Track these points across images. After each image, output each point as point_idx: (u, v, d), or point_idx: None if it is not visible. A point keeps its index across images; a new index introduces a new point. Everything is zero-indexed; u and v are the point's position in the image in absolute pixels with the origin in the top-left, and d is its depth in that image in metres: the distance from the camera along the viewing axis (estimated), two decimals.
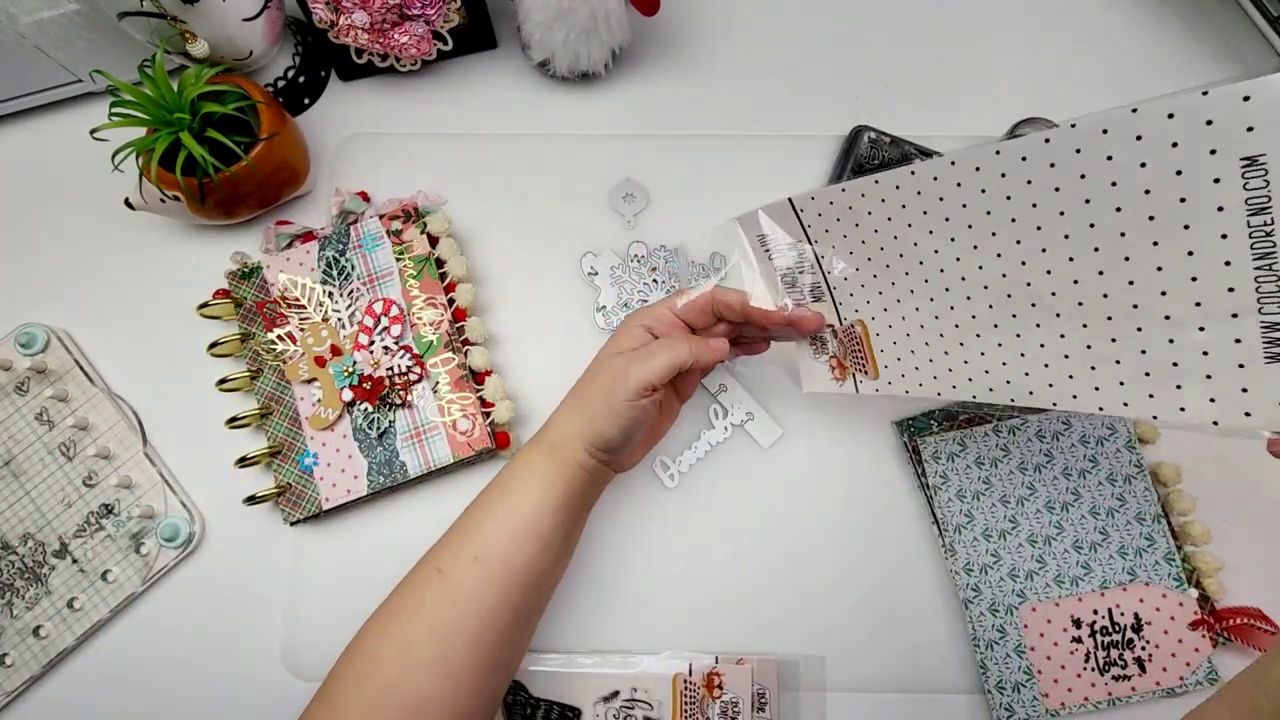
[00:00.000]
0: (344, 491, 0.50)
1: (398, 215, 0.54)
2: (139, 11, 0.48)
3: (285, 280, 0.53)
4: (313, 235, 0.54)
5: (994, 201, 0.36)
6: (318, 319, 0.52)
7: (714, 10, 0.62)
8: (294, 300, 0.53)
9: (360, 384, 0.51)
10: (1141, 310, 0.33)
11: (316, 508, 0.50)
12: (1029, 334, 0.37)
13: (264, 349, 0.52)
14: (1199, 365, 0.32)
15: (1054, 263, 0.35)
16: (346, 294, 0.53)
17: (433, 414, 0.51)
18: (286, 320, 0.52)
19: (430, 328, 0.52)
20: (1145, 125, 0.30)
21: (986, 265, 0.37)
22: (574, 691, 0.48)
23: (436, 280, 0.53)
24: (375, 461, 0.50)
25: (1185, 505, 0.49)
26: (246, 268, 0.54)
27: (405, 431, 0.50)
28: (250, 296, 0.53)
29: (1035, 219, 0.35)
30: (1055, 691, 0.47)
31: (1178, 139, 0.30)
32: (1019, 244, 0.36)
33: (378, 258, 0.53)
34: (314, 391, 0.51)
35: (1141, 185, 0.31)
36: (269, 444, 0.51)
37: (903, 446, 0.52)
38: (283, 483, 0.50)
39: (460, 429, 0.50)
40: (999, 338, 0.38)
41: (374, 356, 0.51)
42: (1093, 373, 0.35)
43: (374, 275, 0.53)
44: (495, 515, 0.42)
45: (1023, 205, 0.35)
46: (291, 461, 0.51)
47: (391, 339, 0.51)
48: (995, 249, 0.37)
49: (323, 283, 0.53)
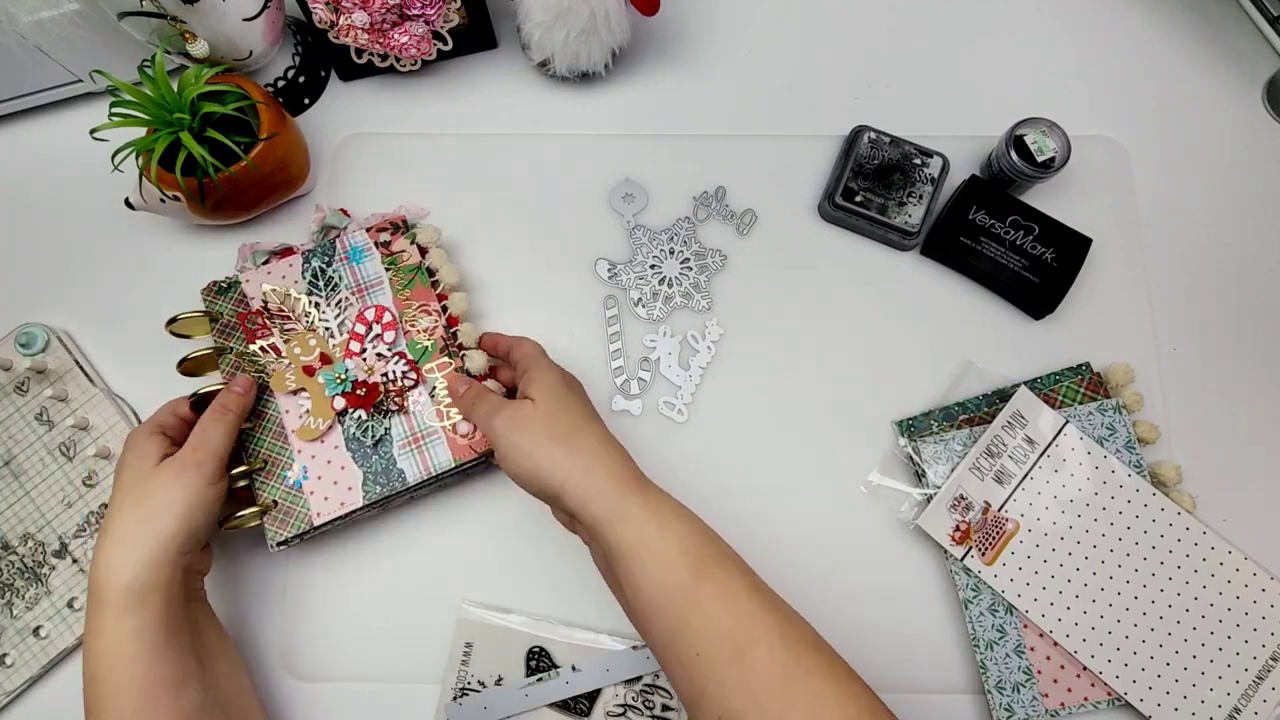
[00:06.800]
0: (337, 505, 0.47)
1: (385, 228, 0.53)
2: (139, 11, 0.48)
3: (269, 291, 0.51)
4: (292, 250, 0.54)
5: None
6: (303, 329, 0.51)
7: (714, 10, 0.63)
8: (278, 311, 0.51)
9: (354, 390, 0.49)
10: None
11: (307, 524, 0.47)
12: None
13: (246, 362, 0.50)
14: None
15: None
16: (335, 304, 0.51)
17: (430, 419, 0.49)
18: (270, 332, 0.51)
19: (424, 334, 0.51)
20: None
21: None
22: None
23: (429, 288, 0.52)
24: (371, 471, 0.48)
25: (1185, 505, 0.49)
26: (225, 283, 0.52)
27: (402, 438, 0.49)
28: (228, 311, 0.51)
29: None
30: (1055, 691, 0.47)
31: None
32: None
33: (366, 269, 0.52)
34: (301, 402, 0.49)
35: None
36: (250, 461, 0.48)
37: (902, 446, 0.52)
38: (267, 501, 0.47)
39: (461, 431, 0.49)
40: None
41: (367, 363, 0.50)
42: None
43: (363, 285, 0.52)
44: (104, 703, 0.38)
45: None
46: (276, 478, 0.48)
47: (385, 345, 0.50)
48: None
49: (309, 293, 0.52)
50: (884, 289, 0.56)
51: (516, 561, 0.51)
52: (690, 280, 0.56)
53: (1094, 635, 0.47)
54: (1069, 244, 0.53)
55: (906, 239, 0.55)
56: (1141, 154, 0.58)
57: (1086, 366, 0.53)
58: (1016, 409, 0.50)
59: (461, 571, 0.51)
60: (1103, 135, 0.58)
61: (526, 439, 0.41)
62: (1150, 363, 0.54)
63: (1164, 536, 0.48)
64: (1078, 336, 0.54)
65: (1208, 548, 0.48)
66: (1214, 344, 0.55)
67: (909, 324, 0.55)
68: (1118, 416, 0.50)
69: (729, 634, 0.36)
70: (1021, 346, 0.54)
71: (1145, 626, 0.47)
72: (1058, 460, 0.49)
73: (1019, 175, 0.53)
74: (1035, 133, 0.53)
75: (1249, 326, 0.55)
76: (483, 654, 0.49)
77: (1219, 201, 0.57)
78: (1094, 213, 0.56)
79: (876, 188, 0.55)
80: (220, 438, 0.44)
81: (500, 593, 0.50)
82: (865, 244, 0.57)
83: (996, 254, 0.53)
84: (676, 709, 0.47)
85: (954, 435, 0.51)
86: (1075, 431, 0.50)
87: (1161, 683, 0.46)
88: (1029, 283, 0.53)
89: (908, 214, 0.54)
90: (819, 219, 0.57)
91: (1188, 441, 0.52)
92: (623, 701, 0.48)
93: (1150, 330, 0.55)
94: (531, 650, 0.49)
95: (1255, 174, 0.58)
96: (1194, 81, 0.60)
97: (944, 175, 0.55)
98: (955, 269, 0.56)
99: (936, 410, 0.52)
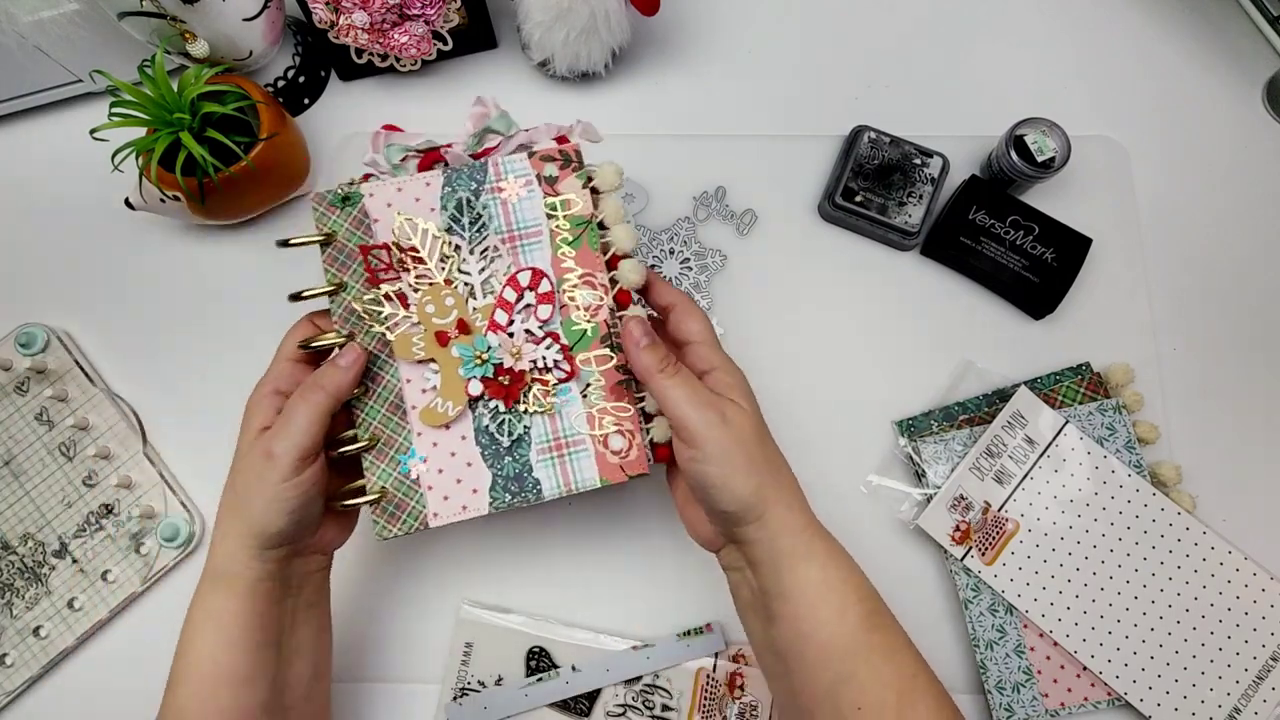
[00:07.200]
0: (458, 508, 0.39)
1: (554, 157, 0.41)
2: (139, 11, 0.48)
3: (400, 221, 0.40)
4: (437, 154, 0.42)
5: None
6: (440, 279, 0.40)
7: (714, 10, 0.62)
8: (409, 249, 0.40)
9: (496, 377, 0.39)
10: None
11: (421, 524, 0.39)
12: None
13: (366, 310, 0.40)
14: None
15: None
16: (480, 251, 0.40)
17: (580, 424, 0.40)
18: (397, 275, 0.40)
19: (585, 313, 0.40)
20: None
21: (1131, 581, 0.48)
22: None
23: (598, 253, 0.40)
24: (502, 474, 0.39)
25: (1185, 505, 0.49)
26: (342, 191, 0.41)
27: (543, 441, 0.40)
28: (344, 232, 0.40)
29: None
30: (1055, 691, 0.47)
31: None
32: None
33: (524, 210, 0.40)
34: (429, 376, 0.40)
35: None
36: (363, 435, 0.40)
37: (902, 446, 0.52)
38: (375, 487, 0.39)
39: (613, 447, 0.40)
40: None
41: (515, 343, 0.40)
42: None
43: (516, 232, 0.40)
44: (176, 677, 0.37)
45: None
46: (390, 460, 0.39)
47: (538, 322, 0.40)
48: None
49: (448, 230, 0.40)
50: (884, 289, 0.56)
51: (516, 561, 0.51)
52: (690, 280, 0.56)
53: (1094, 635, 0.47)
54: (1069, 244, 0.53)
55: (906, 239, 0.55)
56: (1141, 154, 0.58)
57: (1086, 366, 0.53)
58: (1016, 409, 0.50)
59: (462, 571, 0.51)
60: (1103, 135, 0.58)
61: (742, 451, 0.37)
62: (1150, 363, 0.54)
63: (1164, 536, 0.48)
64: (1078, 336, 0.54)
65: (1208, 548, 0.48)
66: (1214, 344, 0.55)
67: (909, 324, 0.55)
68: (1118, 416, 0.51)
69: (893, 688, 0.35)
70: (1021, 346, 0.54)
71: (1145, 626, 0.47)
72: (1058, 460, 0.49)
73: (1019, 175, 0.53)
74: (1035, 133, 0.53)
75: (1249, 326, 0.55)
76: (483, 654, 0.49)
77: (1219, 201, 0.57)
78: (1094, 213, 0.56)
79: (876, 188, 0.55)
80: (304, 424, 0.37)
81: (500, 593, 0.50)
82: (865, 244, 0.57)
83: (996, 254, 0.53)
84: (676, 709, 0.48)
85: (954, 435, 0.51)
86: (1075, 431, 0.50)
87: (1161, 683, 0.46)
88: (1029, 283, 0.53)
89: (908, 214, 0.54)
90: (819, 219, 0.57)
91: (1188, 441, 0.52)
92: (623, 701, 0.48)
93: (1150, 330, 0.55)
94: (531, 650, 0.49)
95: (1255, 174, 0.58)
96: (1194, 81, 0.60)
97: (944, 175, 0.55)
98: (955, 269, 0.56)
99: (936, 410, 0.52)
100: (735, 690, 0.48)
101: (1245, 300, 0.55)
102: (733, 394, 0.39)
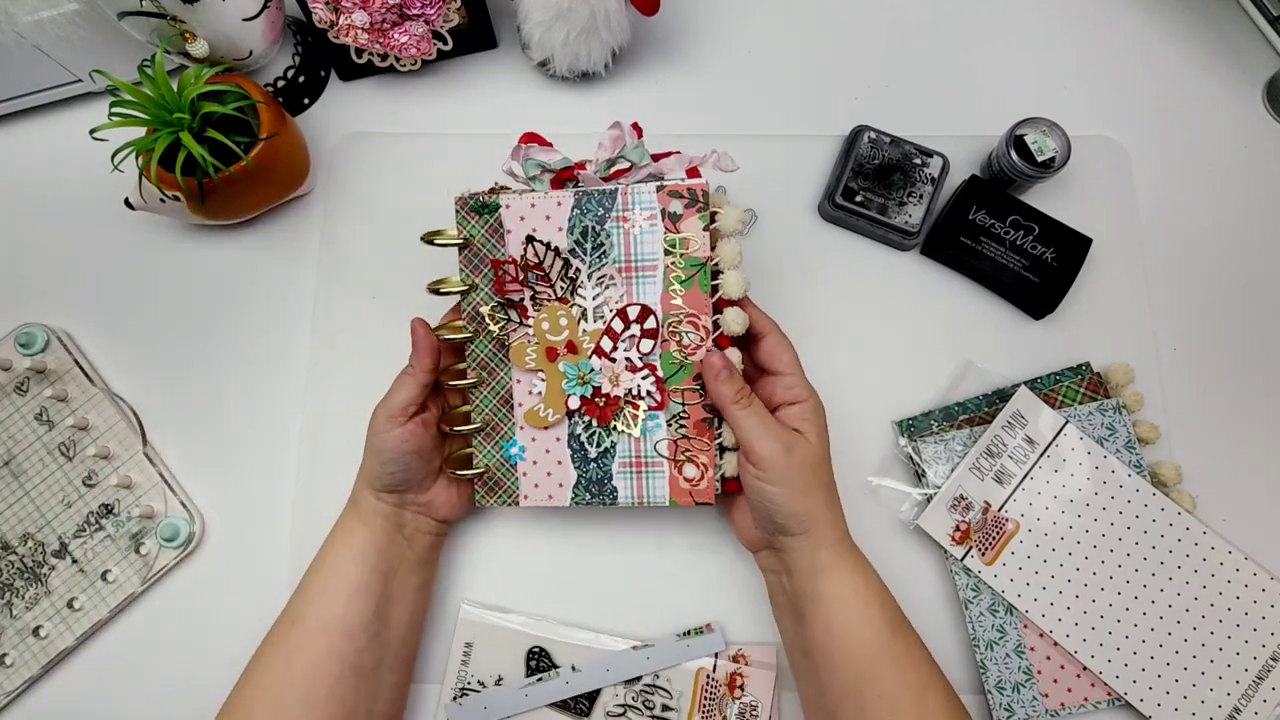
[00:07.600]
0: (545, 496, 0.45)
1: (680, 193, 0.42)
2: (139, 11, 0.48)
3: (530, 239, 0.43)
4: (571, 173, 0.43)
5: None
6: (556, 299, 0.43)
7: (714, 10, 0.62)
8: (535, 266, 0.43)
9: (594, 398, 0.43)
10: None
11: (513, 501, 0.46)
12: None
13: (491, 316, 0.44)
14: None
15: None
16: (597, 278, 0.43)
17: (662, 448, 0.43)
18: (521, 289, 0.43)
19: (683, 351, 0.43)
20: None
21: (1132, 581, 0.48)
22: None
23: (707, 296, 0.42)
24: (585, 477, 0.45)
25: (1185, 505, 0.49)
26: (484, 198, 0.44)
27: (625, 456, 0.44)
28: (480, 238, 0.44)
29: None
30: (1055, 691, 0.47)
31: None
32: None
33: (644, 242, 0.42)
34: (536, 383, 0.44)
35: None
36: (475, 419, 0.46)
37: (902, 446, 0.52)
38: (480, 465, 0.46)
39: (686, 474, 0.43)
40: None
41: (615, 369, 0.43)
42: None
43: (633, 263, 0.42)
44: (308, 578, 0.44)
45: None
46: (495, 445, 0.46)
47: (639, 354, 0.43)
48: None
49: (571, 252, 0.43)
50: (884, 289, 0.56)
51: (516, 561, 0.51)
52: None
53: (1094, 635, 0.47)
54: (1069, 244, 0.53)
55: (906, 239, 0.55)
56: (1141, 154, 0.58)
57: (1086, 366, 0.53)
58: (1016, 409, 0.50)
59: (462, 572, 0.51)
60: (1103, 135, 0.58)
61: (801, 477, 0.41)
62: (1150, 363, 0.54)
63: (1164, 536, 0.48)
64: (1078, 336, 0.54)
65: (1208, 548, 0.48)
66: (1214, 344, 0.55)
67: (909, 324, 0.55)
68: (1118, 416, 0.51)
69: (912, 685, 0.40)
70: (1021, 346, 0.54)
71: (1145, 626, 0.47)
72: (1058, 460, 0.49)
73: (1019, 175, 0.53)
74: (1035, 133, 0.53)
75: (1249, 326, 0.55)
76: (483, 654, 0.49)
77: (1219, 201, 0.58)
78: (1094, 213, 0.56)
79: (876, 188, 0.55)
80: (401, 392, 0.44)
81: (500, 593, 0.50)
82: (865, 244, 0.57)
83: (996, 254, 0.53)
84: (676, 709, 0.48)
85: (954, 435, 0.51)
86: (1075, 431, 0.50)
87: (1161, 683, 0.46)
88: (1029, 283, 0.53)
89: (908, 214, 0.54)
90: (819, 219, 0.57)
91: (1188, 441, 0.52)
92: (623, 701, 0.48)
93: (1150, 330, 0.55)
94: (531, 650, 0.49)
95: (1255, 174, 0.58)
96: (1194, 81, 0.60)
97: (944, 175, 0.55)
98: (955, 269, 0.56)
99: (936, 410, 0.52)
100: (735, 690, 0.48)
101: (1246, 300, 0.55)
102: (803, 425, 0.42)
